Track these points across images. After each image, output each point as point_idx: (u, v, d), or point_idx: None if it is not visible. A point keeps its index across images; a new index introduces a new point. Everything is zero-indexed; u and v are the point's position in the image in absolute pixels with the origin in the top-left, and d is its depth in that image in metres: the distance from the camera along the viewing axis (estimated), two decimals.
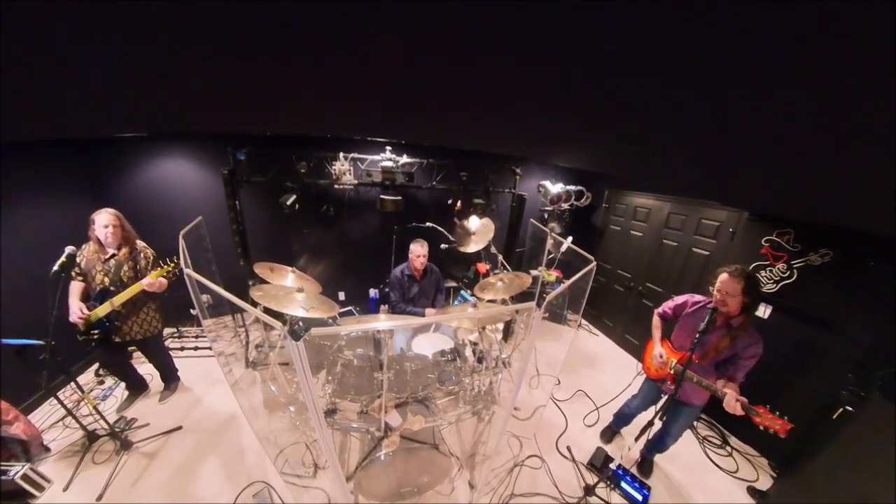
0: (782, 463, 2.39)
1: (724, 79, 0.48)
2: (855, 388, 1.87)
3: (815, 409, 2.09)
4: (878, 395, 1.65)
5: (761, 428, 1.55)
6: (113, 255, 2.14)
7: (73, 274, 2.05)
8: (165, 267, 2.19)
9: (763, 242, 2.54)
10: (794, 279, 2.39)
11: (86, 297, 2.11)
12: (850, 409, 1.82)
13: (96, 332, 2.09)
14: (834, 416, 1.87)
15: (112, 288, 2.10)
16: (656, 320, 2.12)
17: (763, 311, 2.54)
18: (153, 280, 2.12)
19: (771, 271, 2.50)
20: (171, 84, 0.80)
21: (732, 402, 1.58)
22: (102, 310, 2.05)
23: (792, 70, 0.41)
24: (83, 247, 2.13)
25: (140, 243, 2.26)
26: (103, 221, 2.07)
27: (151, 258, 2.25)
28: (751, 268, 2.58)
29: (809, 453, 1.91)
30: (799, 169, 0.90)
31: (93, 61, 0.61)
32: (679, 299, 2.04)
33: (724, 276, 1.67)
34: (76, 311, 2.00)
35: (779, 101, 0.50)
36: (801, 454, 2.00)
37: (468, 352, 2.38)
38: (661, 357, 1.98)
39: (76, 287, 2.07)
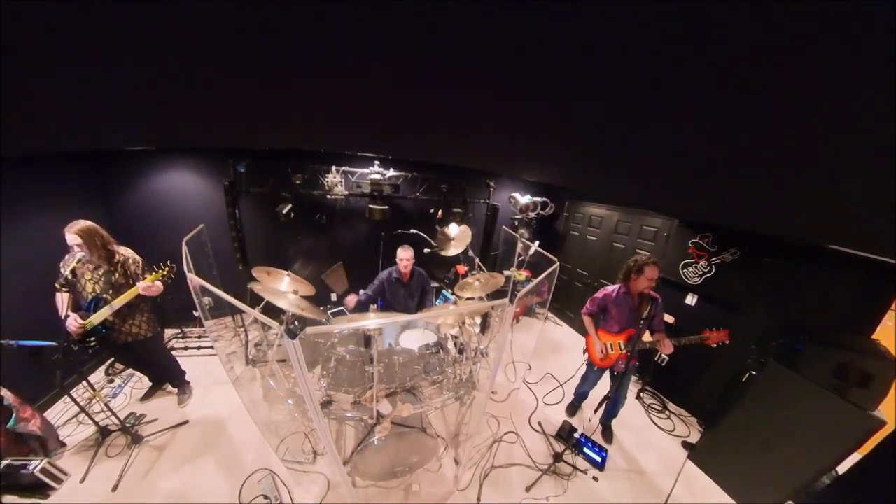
0: (707, 419, 2.65)
1: (653, 110, 0.55)
2: (757, 356, 2.16)
3: (730, 375, 2.36)
4: (774, 360, 1.93)
5: (714, 346, 1.99)
6: (100, 265, 1.98)
7: (57, 286, 1.87)
8: (160, 271, 2.05)
9: (690, 244, 2.83)
10: (713, 273, 2.69)
11: (76, 308, 1.95)
12: (753, 372, 2.10)
13: (92, 339, 1.96)
14: (743, 380, 2.14)
15: (105, 296, 1.95)
16: (588, 320, 2.31)
17: (691, 300, 2.85)
18: (150, 283, 1.99)
19: (696, 267, 2.79)
20: (178, 102, 0.81)
21: (667, 344, 2.03)
22: (99, 316, 1.92)
23: (704, 106, 0.49)
24: (66, 257, 1.93)
25: (125, 250, 2.08)
26: (68, 241, 1.85)
27: (141, 263, 2.09)
28: (681, 265, 2.90)
29: (726, 410, 2.16)
30: (711, 183, 1.02)
31: (106, 79, 0.61)
32: (598, 296, 2.26)
33: (652, 268, 1.98)
34: (71, 321, 1.85)
35: (697, 129, 0.59)
36: (720, 411, 2.24)
37: (450, 344, 2.38)
38: (606, 349, 2.21)
39: (64, 298, 1.89)
